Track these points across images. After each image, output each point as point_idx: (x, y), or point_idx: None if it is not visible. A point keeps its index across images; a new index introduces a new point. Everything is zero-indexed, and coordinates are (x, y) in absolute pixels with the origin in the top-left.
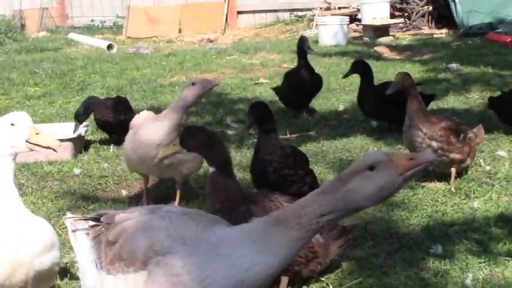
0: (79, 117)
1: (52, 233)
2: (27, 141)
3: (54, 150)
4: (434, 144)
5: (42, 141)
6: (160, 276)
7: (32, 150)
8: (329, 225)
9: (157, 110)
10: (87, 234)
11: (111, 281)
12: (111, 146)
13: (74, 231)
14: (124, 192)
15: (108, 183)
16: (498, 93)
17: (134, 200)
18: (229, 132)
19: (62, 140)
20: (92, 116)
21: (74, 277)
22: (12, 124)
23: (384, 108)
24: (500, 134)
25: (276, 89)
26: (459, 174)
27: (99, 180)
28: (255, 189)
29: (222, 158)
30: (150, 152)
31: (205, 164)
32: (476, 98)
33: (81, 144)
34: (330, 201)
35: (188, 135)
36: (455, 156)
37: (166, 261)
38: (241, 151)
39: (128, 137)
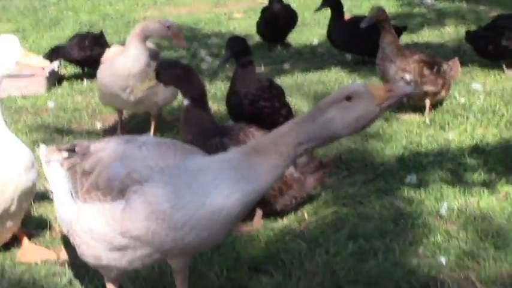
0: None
1: (30, 152)
2: (18, 62)
3: (43, 69)
4: (407, 76)
5: (32, 61)
6: (138, 205)
7: (18, 74)
8: (306, 153)
9: None
10: (62, 165)
11: (88, 209)
12: (85, 79)
13: (48, 162)
14: (98, 125)
15: (82, 116)
16: (473, 27)
17: (109, 133)
18: (204, 65)
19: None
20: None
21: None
22: (1, 47)
23: (352, 42)
24: (475, 67)
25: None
26: (434, 106)
27: (73, 114)
28: (231, 121)
29: (197, 91)
30: (124, 83)
31: (179, 96)
32: (451, 33)
33: (54, 78)
34: (308, 130)
35: (163, 69)
36: (429, 88)
37: (145, 189)
38: (216, 84)
39: (100, 71)
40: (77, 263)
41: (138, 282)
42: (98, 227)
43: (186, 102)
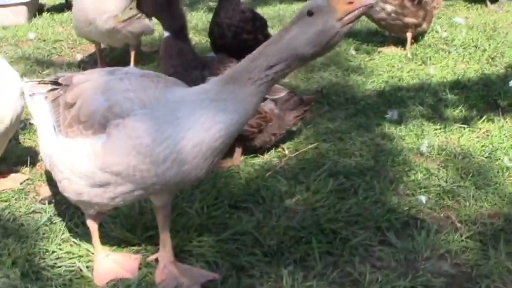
0: None
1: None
2: None
3: None
4: (388, 7)
5: None
6: (119, 139)
7: None
8: (280, 77)
9: None
10: (46, 97)
11: (69, 144)
12: (66, 10)
13: (31, 95)
14: (79, 57)
15: (63, 48)
16: None
17: (89, 64)
18: None
19: (15, 5)
20: None
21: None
22: None
23: None
24: (457, 1)
25: None
26: (416, 40)
27: (54, 45)
28: (212, 53)
29: (179, 22)
30: (101, 20)
31: (159, 28)
32: None
33: (35, 8)
34: (275, 51)
35: None
36: (410, 20)
37: (126, 123)
38: (198, 14)
39: (76, 3)
40: (57, 200)
41: (119, 220)
42: (79, 162)
43: (166, 33)
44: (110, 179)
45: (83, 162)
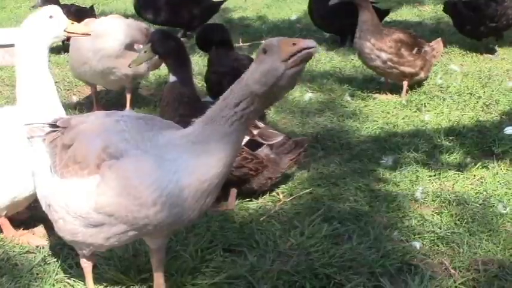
0: None
1: None
2: (65, 30)
3: (88, 35)
4: (383, 55)
5: (78, 29)
6: (112, 180)
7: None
8: (251, 114)
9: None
10: (44, 140)
11: (65, 184)
12: (63, 52)
13: (30, 138)
14: (75, 98)
15: (59, 89)
16: None
17: (85, 106)
18: (181, 38)
19: (12, 45)
20: None
21: None
22: (50, 16)
23: (333, 20)
24: (452, 48)
25: None
26: (411, 87)
27: None
28: (208, 98)
29: (187, 66)
30: (95, 59)
31: (154, 71)
32: (429, 12)
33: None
34: (239, 87)
35: (162, 40)
36: (406, 69)
37: (119, 165)
38: (194, 58)
39: (73, 43)
40: (51, 241)
41: (113, 261)
42: (74, 203)
43: (172, 78)
44: (104, 220)
45: (77, 203)
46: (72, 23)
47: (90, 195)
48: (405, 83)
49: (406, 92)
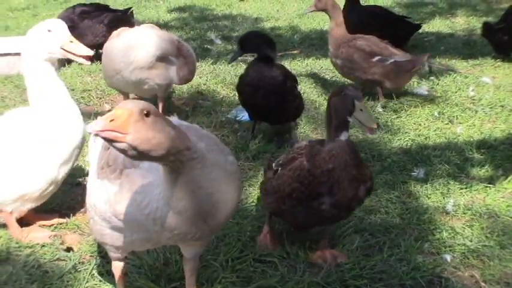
0: None
1: None
2: (61, 48)
3: (86, 59)
4: (338, 62)
5: (75, 49)
6: (126, 189)
7: (65, 56)
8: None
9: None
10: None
11: (98, 185)
12: (94, 60)
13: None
14: (107, 107)
15: (91, 97)
16: (484, 19)
17: None
18: (213, 48)
19: None
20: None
21: None
22: (49, 30)
23: (364, 31)
24: (485, 60)
25: None
26: (443, 99)
27: (82, 94)
28: (240, 107)
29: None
30: (128, 71)
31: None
32: (462, 23)
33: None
34: None
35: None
36: (362, 75)
37: (133, 175)
38: (225, 67)
39: (106, 47)
40: (83, 248)
41: (143, 270)
42: (100, 205)
43: (343, 136)
44: (123, 225)
45: (102, 205)
46: (71, 41)
47: (110, 201)
48: (379, 89)
49: (382, 97)
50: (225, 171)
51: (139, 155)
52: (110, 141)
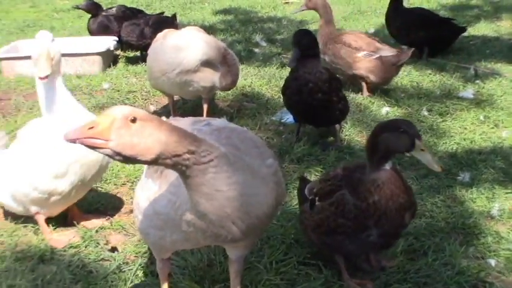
0: None
1: None
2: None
3: (43, 78)
4: (326, 58)
5: (39, 68)
6: (163, 190)
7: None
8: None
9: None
10: None
11: (143, 183)
12: (140, 62)
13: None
14: (152, 108)
15: (137, 98)
16: None
17: (162, 116)
18: (258, 50)
19: (90, 54)
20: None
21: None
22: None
23: (409, 32)
24: None
25: None
26: (488, 103)
27: (127, 95)
28: (285, 109)
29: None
30: (173, 73)
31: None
32: (507, 27)
33: (109, 59)
34: None
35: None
36: (348, 70)
37: (170, 177)
38: (271, 69)
39: (152, 49)
40: (127, 249)
41: (187, 271)
42: (142, 203)
43: (388, 165)
44: (163, 225)
45: (143, 204)
46: (43, 57)
47: (150, 200)
48: (363, 84)
49: (368, 91)
50: (257, 174)
51: (126, 160)
52: (90, 147)
